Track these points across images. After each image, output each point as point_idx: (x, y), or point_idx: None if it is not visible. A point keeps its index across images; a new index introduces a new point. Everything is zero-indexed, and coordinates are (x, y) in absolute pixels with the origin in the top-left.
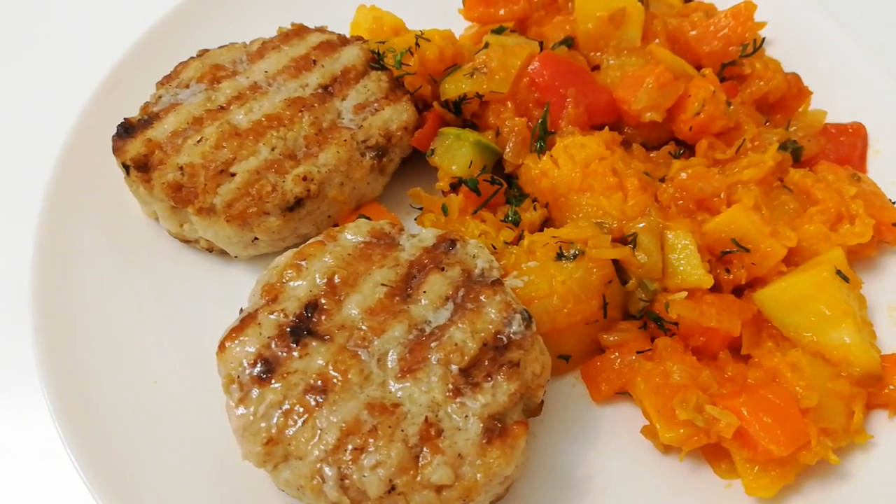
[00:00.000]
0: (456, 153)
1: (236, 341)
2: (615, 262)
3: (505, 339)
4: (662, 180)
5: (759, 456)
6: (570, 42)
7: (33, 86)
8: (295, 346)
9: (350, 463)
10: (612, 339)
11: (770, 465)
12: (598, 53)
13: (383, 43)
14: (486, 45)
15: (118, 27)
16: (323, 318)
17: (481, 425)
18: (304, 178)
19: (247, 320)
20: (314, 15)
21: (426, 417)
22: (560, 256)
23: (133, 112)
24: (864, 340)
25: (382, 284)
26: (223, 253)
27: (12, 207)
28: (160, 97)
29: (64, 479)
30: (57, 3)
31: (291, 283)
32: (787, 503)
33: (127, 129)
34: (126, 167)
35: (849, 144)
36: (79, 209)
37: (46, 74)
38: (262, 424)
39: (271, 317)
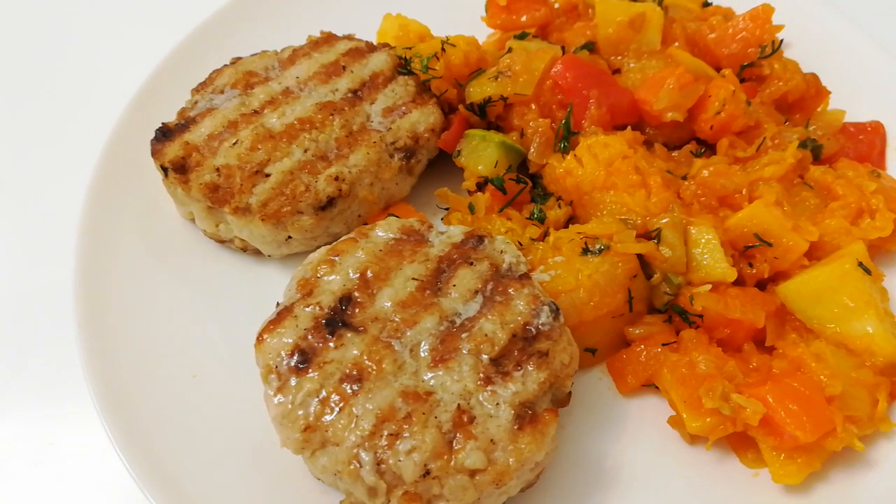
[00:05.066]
0: (482, 154)
1: (274, 333)
2: (640, 256)
3: (534, 329)
4: (684, 179)
5: (785, 443)
6: (591, 46)
7: (73, 94)
8: (330, 337)
9: (386, 448)
10: (637, 332)
11: (796, 453)
12: (619, 57)
13: (410, 49)
14: (510, 50)
15: (154, 38)
16: (357, 310)
17: (512, 412)
18: (336, 179)
19: (283, 313)
20: (341, 24)
21: (458, 405)
22: (586, 251)
23: (169, 118)
24: (887, 331)
25: (413, 278)
26: (257, 252)
27: (54, 211)
28: (196, 103)
29: (105, 470)
30: (97, 16)
31: (326, 278)
32: (814, 491)
33: (165, 133)
34: (164, 169)
35: (868, 143)
36: (118, 211)
37: (86, 84)
38: (300, 412)
39: (307, 310)
